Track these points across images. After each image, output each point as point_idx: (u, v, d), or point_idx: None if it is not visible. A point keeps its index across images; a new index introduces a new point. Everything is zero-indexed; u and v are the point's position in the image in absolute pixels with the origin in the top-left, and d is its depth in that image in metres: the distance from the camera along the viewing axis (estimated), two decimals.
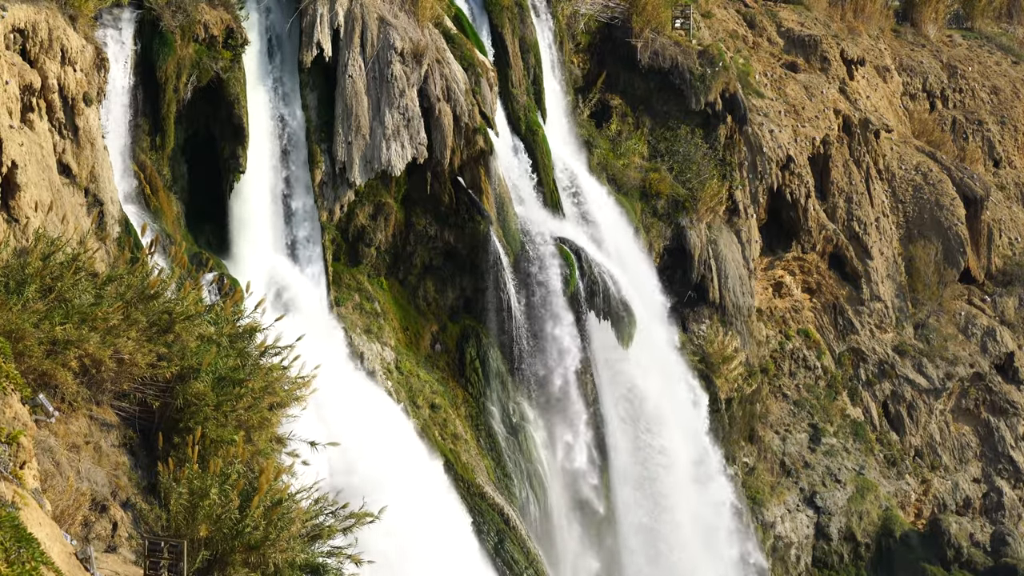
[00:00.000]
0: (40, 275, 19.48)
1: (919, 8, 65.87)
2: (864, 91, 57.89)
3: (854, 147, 55.15)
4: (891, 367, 53.96)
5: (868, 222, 54.44)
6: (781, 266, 52.69)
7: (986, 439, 55.40)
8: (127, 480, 19.63)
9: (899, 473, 52.33)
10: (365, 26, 36.82)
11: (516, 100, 42.14)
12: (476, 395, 38.86)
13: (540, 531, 38.60)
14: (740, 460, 47.93)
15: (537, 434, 39.49)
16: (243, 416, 20.45)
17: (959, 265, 56.94)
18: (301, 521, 18.80)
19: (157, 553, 17.03)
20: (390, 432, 34.48)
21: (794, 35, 57.51)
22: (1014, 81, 65.97)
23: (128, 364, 19.90)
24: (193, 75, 33.53)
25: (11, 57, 26.88)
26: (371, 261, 38.19)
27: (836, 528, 49.63)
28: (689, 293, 46.64)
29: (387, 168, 36.78)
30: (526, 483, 38.67)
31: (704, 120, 48.46)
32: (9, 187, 25.47)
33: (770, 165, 50.65)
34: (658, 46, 47.70)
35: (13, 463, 15.45)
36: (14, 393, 16.58)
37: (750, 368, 48.52)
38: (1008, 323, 57.55)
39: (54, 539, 15.29)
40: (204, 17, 33.67)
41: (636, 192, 46.11)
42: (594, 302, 40.49)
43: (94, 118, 29.55)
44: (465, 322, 39.28)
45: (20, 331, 18.41)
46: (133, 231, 30.11)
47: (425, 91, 37.44)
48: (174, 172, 33.94)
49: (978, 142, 63.05)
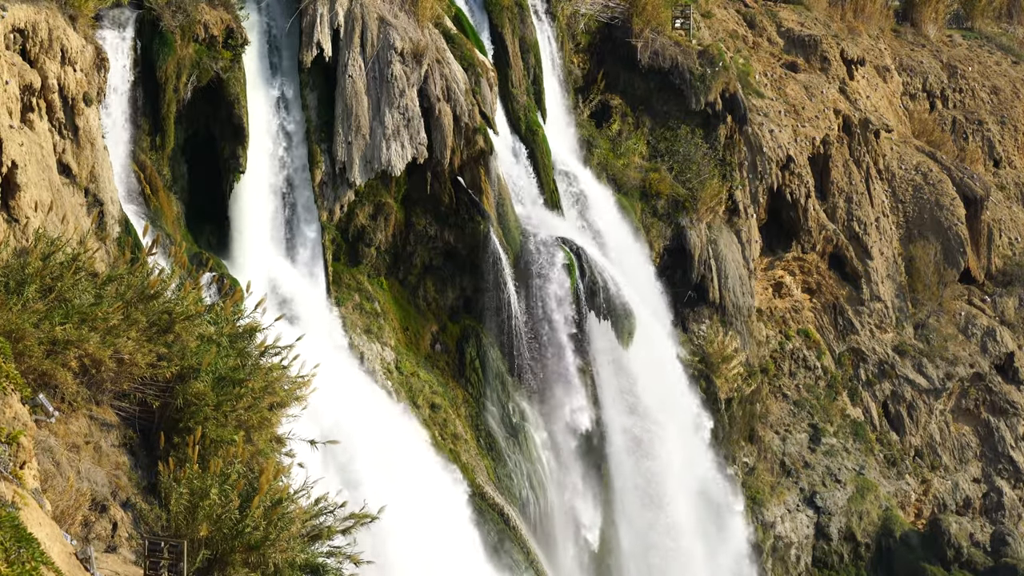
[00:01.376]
0: (40, 275, 19.48)
1: (919, 8, 65.85)
2: (864, 91, 57.88)
3: (854, 147, 55.14)
4: (891, 367, 53.95)
5: (868, 222, 54.43)
6: (781, 266, 52.68)
7: (986, 439, 55.39)
8: (127, 480, 19.62)
9: (899, 473, 52.33)
10: (365, 26, 36.82)
11: (516, 100, 42.13)
12: (476, 395, 38.86)
13: (540, 531, 38.61)
14: (740, 460, 47.92)
15: (537, 434, 39.49)
16: (243, 416, 20.46)
17: (959, 265, 56.92)
18: (301, 521, 18.80)
19: (157, 553, 17.03)
20: (393, 432, 34.49)
21: (794, 35, 57.50)
22: (1014, 81, 65.95)
23: (128, 364, 19.90)
24: (193, 75, 33.53)
25: (11, 57, 26.88)
26: (371, 261, 38.18)
27: (836, 528, 49.62)
28: (689, 293, 46.63)
29: (387, 168, 36.77)
30: (526, 483, 38.66)
31: (704, 120, 48.45)
32: (9, 187, 25.47)
33: (770, 165, 50.64)
34: (658, 46, 47.69)
35: (13, 463, 15.45)
36: (14, 393, 16.58)
37: (750, 368, 48.51)
38: (1008, 323, 57.54)
39: (54, 539, 15.29)
40: (204, 17, 33.67)
41: (636, 192, 46.11)
42: (594, 302, 40.48)
43: (94, 118, 29.55)
44: (465, 322, 39.27)
45: (20, 331, 18.41)
46: (133, 231, 30.12)
47: (425, 91, 37.44)
48: (174, 172, 33.93)
49: (978, 142, 63.04)
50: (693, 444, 44.17)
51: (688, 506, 43.58)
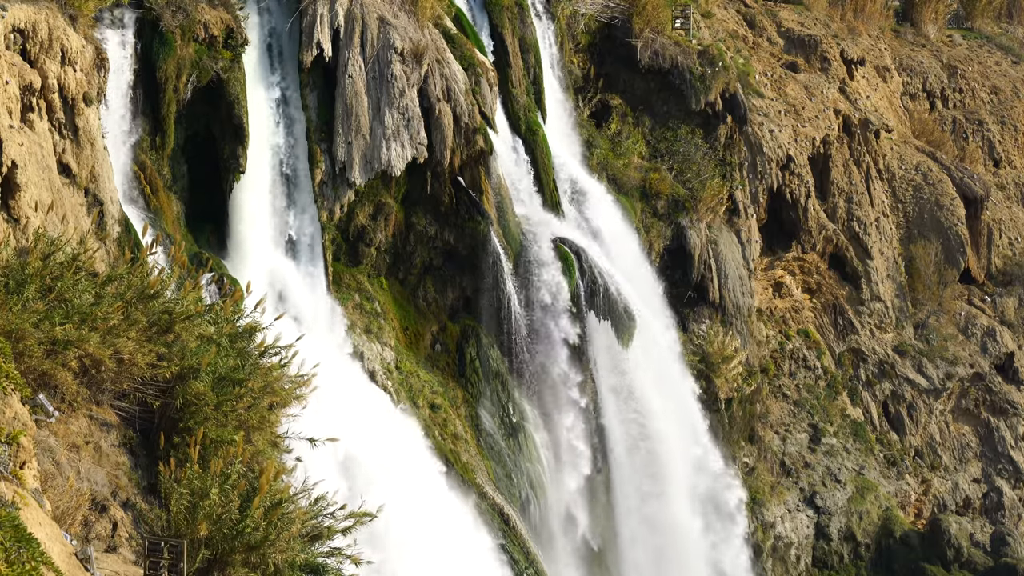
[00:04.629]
0: (40, 275, 19.48)
1: (919, 8, 65.83)
2: (864, 91, 57.88)
3: (854, 147, 55.14)
4: (891, 367, 53.96)
5: (868, 222, 54.44)
6: (781, 266, 52.68)
7: (986, 439, 55.40)
8: (127, 480, 19.63)
9: (899, 473, 52.33)
10: (365, 26, 36.83)
11: (516, 100, 42.13)
12: (476, 395, 38.88)
13: (540, 531, 38.62)
14: (740, 460, 47.93)
15: (537, 434, 39.50)
16: (243, 416, 20.45)
17: (959, 265, 56.93)
18: (301, 521, 18.81)
19: (157, 553, 17.04)
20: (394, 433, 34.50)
21: (794, 35, 57.50)
22: (1014, 81, 65.95)
23: (128, 364, 19.90)
24: (193, 75, 33.54)
25: (11, 57, 26.88)
26: (371, 261, 38.19)
27: (836, 528, 49.63)
28: (689, 293, 46.63)
29: (387, 168, 36.79)
30: (526, 483, 38.68)
31: (704, 120, 48.45)
32: (9, 187, 25.47)
33: (770, 165, 50.65)
34: (658, 46, 47.68)
35: (13, 463, 15.45)
36: (14, 393, 16.58)
37: (750, 368, 48.52)
38: (1008, 323, 57.55)
39: (54, 539, 15.30)
40: (204, 17, 33.68)
41: (636, 192, 46.11)
42: (594, 302, 40.49)
43: (94, 118, 29.56)
44: (465, 322, 39.28)
45: (20, 331, 18.40)
46: (133, 231, 30.13)
47: (425, 91, 37.45)
48: (174, 172, 33.95)
49: (978, 142, 63.04)
50: (693, 444, 44.18)
51: (689, 506, 43.60)
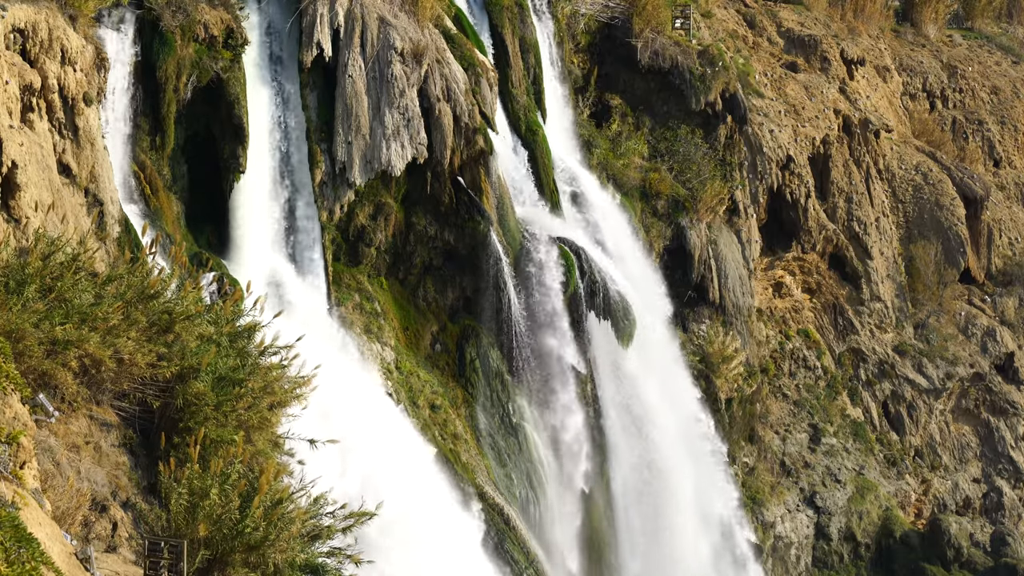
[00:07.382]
0: (40, 275, 19.48)
1: (919, 8, 65.83)
2: (864, 91, 57.88)
3: (854, 147, 55.15)
4: (891, 367, 53.96)
5: (868, 222, 54.44)
6: (781, 266, 52.69)
7: (986, 439, 55.40)
8: (127, 480, 19.63)
9: (899, 473, 52.33)
10: (365, 26, 36.83)
11: (516, 100, 42.12)
12: (476, 395, 38.89)
13: (539, 531, 38.61)
14: (740, 460, 47.93)
15: (537, 434, 39.50)
16: (243, 416, 20.46)
17: (959, 265, 56.94)
18: (301, 521, 18.81)
19: (157, 553, 17.04)
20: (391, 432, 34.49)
21: (794, 35, 57.50)
22: (1014, 81, 65.95)
23: (128, 364, 19.91)
24: (193, 75, 33.54)
25: (11, 57, 26.89)
26: (371, 261, 38.19)
27: (836, 528, 49.63)
28: (689, 293, 46.63)
29: (387, 168, 36.78)
30: (526, 483, 38.68)
31: (704, 120, 48.45)
32: (9, 187, 25.48)
33: (770, 165, 50.65)
34: (658, 46, 47.68)
35: (13, 463, 15.45)
36: (14, 393, 16.58)
37: (750, 368, 48.52)
38: (1008, 323, 57.55)
39: (54, 539, 15.30)
40: (204, 17, 33.68)
41: (636, 192, 46.12)
42: (594, 302, 40.49)
43: (94, 118, 29.56)
44: (465, 322, 39.27)
45: (20, 331, 18.41)
46: (133, 231, 30.13)
47: (425, 91, 37.45)
48: (174, 172, 33.96)
49: (978, 142, 63.04)
50: (693, 444, 44.19)
51: (689, 506, 43.61)
